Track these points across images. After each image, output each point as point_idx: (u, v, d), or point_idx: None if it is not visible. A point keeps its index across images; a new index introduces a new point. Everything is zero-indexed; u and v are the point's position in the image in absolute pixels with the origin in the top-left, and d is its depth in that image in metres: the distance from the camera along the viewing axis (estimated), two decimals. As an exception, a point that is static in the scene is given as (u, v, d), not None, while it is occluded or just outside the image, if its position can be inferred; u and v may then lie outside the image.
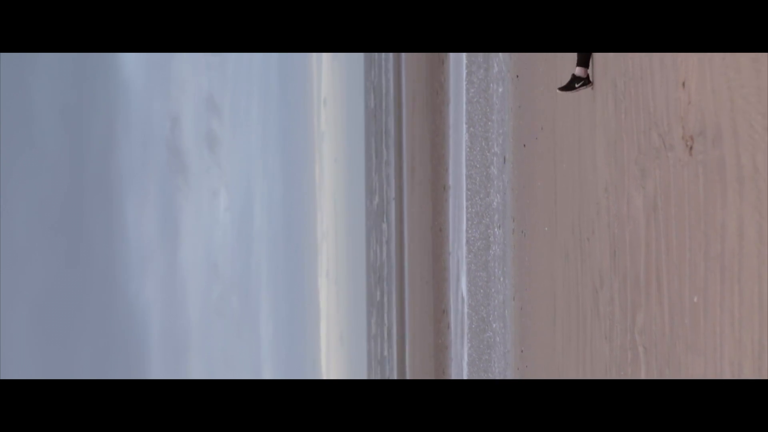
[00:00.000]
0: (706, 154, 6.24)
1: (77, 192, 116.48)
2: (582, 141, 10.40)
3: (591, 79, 9.90)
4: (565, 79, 10.15)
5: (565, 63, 11.67)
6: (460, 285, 29.64)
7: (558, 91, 10.09)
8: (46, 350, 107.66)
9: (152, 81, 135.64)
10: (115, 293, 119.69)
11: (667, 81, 7.11)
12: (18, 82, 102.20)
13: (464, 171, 28.05)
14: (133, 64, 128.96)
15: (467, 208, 27.21)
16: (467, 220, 27.31)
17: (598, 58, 9.55)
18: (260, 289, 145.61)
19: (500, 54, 21.93)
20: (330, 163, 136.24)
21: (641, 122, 7.90)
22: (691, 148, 6.52)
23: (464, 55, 28.54)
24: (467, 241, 27.36)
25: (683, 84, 6.69)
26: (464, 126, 27.92)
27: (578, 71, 9.92)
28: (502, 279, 21.27)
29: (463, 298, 29.00)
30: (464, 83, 27.93)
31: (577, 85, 9.91)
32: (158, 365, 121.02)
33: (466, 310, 27.96)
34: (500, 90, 21.53)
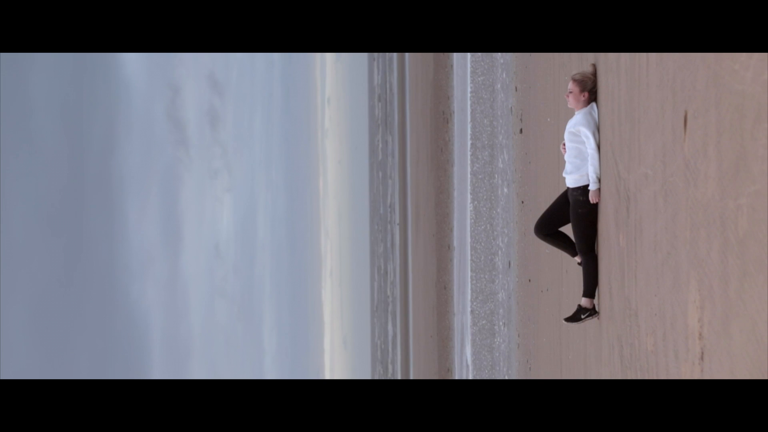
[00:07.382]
0: None
1: (77, 189, 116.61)
2: (588, 363, 10.60)
3: (597, 309, 10.10)
4: (571, 309, 10.35)
5: (569, 265, 11.82)
6: (465, 351, 29.77)
7: (564, 321, 10.30)
8: (47, 351, 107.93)
9: (154, 80, 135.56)
10: (116, 293, 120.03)
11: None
12: (16, 79, 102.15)
13: (469, 241, 28.15)
14: (134, 62, 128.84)
15: (472, 279, 27.32)
16: (472, 292, 27.42)
17: (604, 295, 9.74)
18: (263, 296, 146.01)
19: (505, 153, 22.05)
20: (334, 165, 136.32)
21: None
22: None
23: (468, 125, 28.63)
24: (472, 311, 27.49)
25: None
26: (469, 196, 28.00)
27: (584, 302, 10.11)
28: (506, 377, 21.47)
29: (467, 365, 29.17)
30: (468, 153, 27.98)
31: (583, 317, 10.11)
32: (160, 370, 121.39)
33: (470, 378, 28.13)
34: (505, 191, 21.66)
